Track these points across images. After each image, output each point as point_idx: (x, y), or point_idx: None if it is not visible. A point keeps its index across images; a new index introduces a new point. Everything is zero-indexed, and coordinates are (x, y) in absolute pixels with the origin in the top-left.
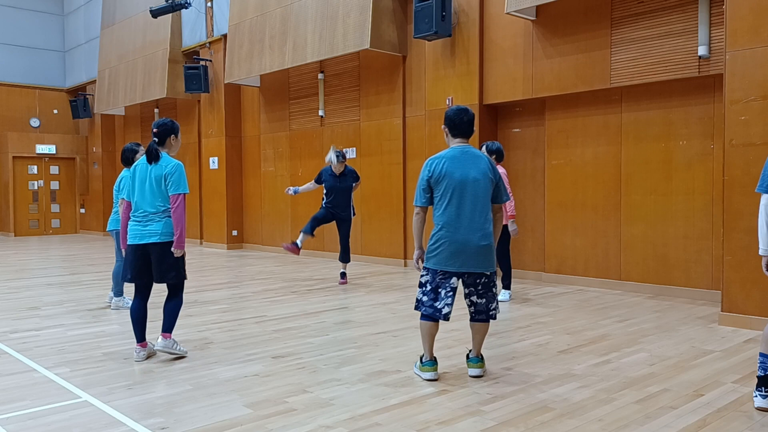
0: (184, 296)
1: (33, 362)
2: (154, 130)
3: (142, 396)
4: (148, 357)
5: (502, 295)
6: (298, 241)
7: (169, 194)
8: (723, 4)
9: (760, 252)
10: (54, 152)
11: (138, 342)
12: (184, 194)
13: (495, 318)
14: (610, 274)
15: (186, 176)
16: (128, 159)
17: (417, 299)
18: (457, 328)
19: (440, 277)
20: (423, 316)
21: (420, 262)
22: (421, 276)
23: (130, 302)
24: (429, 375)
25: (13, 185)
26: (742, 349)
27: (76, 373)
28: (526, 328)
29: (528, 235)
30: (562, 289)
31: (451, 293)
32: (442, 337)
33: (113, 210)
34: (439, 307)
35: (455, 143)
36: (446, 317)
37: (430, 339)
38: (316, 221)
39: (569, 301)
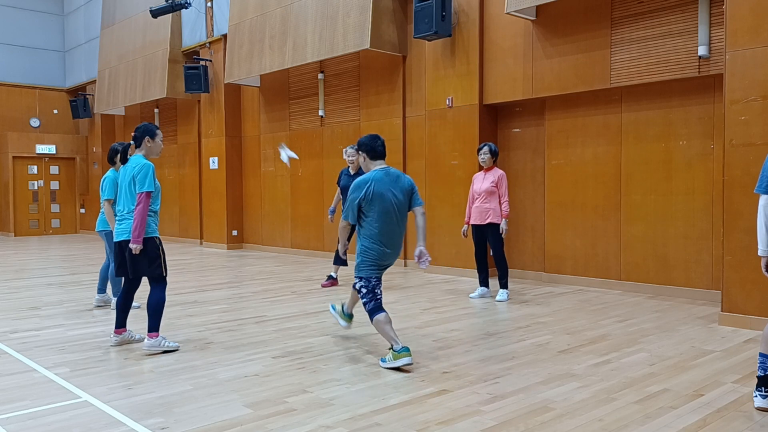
0: (184, 296)
1: (33, 362)
2: (133, 133)
3: (142, 396)
4: (122, 344)
5: (500, 294)
6: (333, 274)
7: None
8: (723, 4)
9: (760, 253)
10: (54, 152)
11: (116, 328)
12: (148, 192)
13: None
14: (610, 274)
15: (153, 175)
16: (110, 158)
17: (366, 306)
18: (457, 328)
19: (375, 280)
20: (376, 311)
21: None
22: (357, 284)
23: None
24: (406, 360)
25: (13, 185)
26: (742, 349)
27: (76, 373)
28: (526, 328)
29: (528, 235)
30: (562, 289)
31: (380, 285)
32: (442, 336)
33: (101, 210)
34: (379, 300)
35: (375, 165)
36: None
37: (391, 326)
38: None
39: (569, 301)
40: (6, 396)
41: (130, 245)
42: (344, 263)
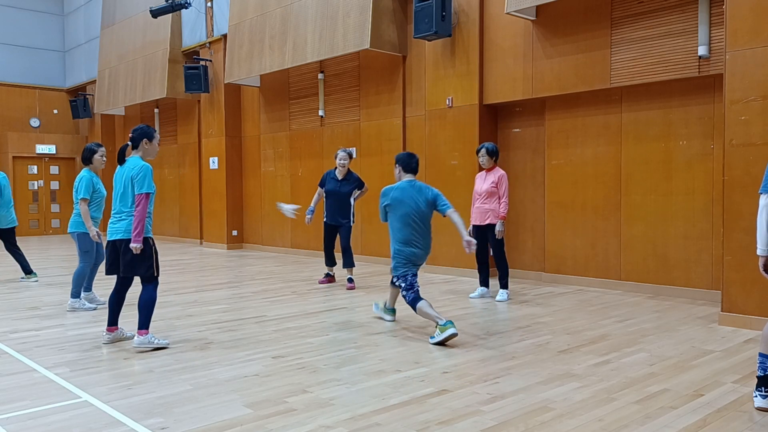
0: (184, 296)
1: (33, 362)
2: (130, 134)
3: (142, 396)
4: (114, 341)
5: (500, 295)
6: (329, 272)
7: (134, 194)
8: (723, 4)
9: (758, 252)
10: (54, 152)
11: (108, 326)
12: (147, 194)
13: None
14: (610, 274)
15: (152, 177)
16: (86, 158)
17: (406, 297)
18: (457, 328)
19: (411, 276)
20: (416, 300)
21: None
22: (396, 281)
23: (87, 304)
24: (451, 330)
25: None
26: (742, 349)
27: (76, 373)
28: (526, 328)
29: (528, 235)
30: (562, 289)
31: (417, 278)
32: None
33: (74, 212)
34: (417, 291)
35: (406, 177)
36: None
37: (432, 308)
38: (329, 248)
39: (569, 301)
40: (6, 396)
41: (132, 245)
42: (334, 263)
